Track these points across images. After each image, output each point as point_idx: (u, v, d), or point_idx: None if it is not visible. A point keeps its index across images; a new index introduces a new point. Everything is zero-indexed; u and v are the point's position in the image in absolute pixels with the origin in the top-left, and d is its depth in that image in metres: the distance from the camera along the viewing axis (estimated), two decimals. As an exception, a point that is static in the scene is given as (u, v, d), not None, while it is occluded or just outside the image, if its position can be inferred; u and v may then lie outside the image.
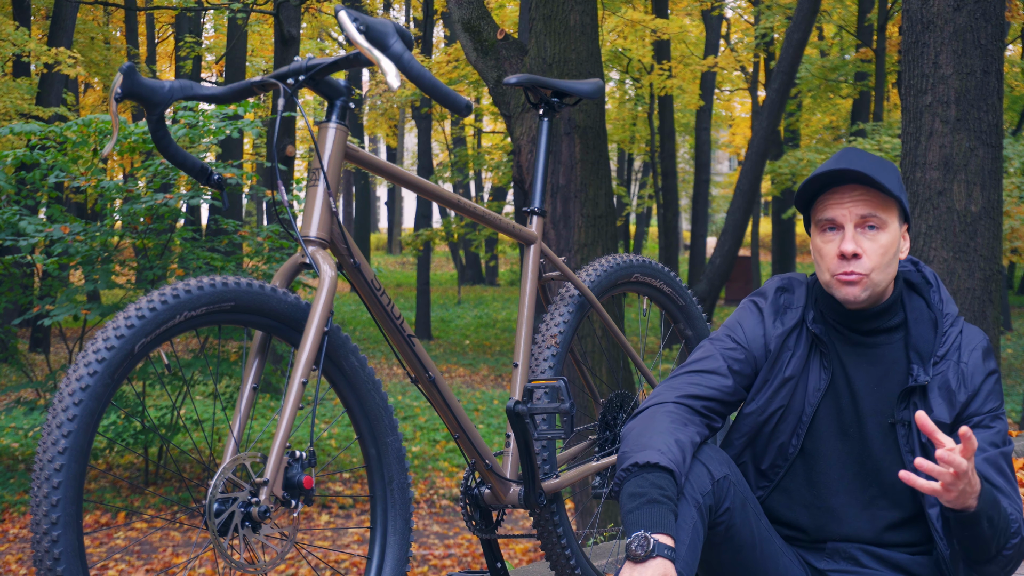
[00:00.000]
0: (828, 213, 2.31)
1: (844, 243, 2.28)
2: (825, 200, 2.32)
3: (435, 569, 7.67)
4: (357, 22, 2.15)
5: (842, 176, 2.28)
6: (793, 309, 2.44)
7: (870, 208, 2.29)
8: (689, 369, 2.43)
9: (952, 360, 2.36)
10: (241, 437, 2.14)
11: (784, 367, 2.40)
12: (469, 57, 6.79)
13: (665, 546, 2.05)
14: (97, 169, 7.85)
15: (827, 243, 2.32)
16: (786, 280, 2.50)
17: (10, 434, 11.01)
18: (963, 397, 2.34)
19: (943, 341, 2.37)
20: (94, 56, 19.29)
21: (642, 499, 2.12)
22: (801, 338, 2.41)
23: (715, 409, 2.40)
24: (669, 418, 2.31)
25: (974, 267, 4.95)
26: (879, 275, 2.30)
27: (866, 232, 2.29)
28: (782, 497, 2.43)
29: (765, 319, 2.44)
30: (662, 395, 2.39)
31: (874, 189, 2.28)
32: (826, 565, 2.40)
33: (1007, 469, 2.32)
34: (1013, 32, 19.21)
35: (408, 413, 12.94)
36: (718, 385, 2.40)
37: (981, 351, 2.38)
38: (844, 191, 2.30)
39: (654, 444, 2.21)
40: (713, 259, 14.58)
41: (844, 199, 2.30)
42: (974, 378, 2.35)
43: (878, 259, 2.29)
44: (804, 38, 13.64)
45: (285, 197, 2.26)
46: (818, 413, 2.39)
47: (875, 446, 2.36)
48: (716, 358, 2.42)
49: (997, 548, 2.23)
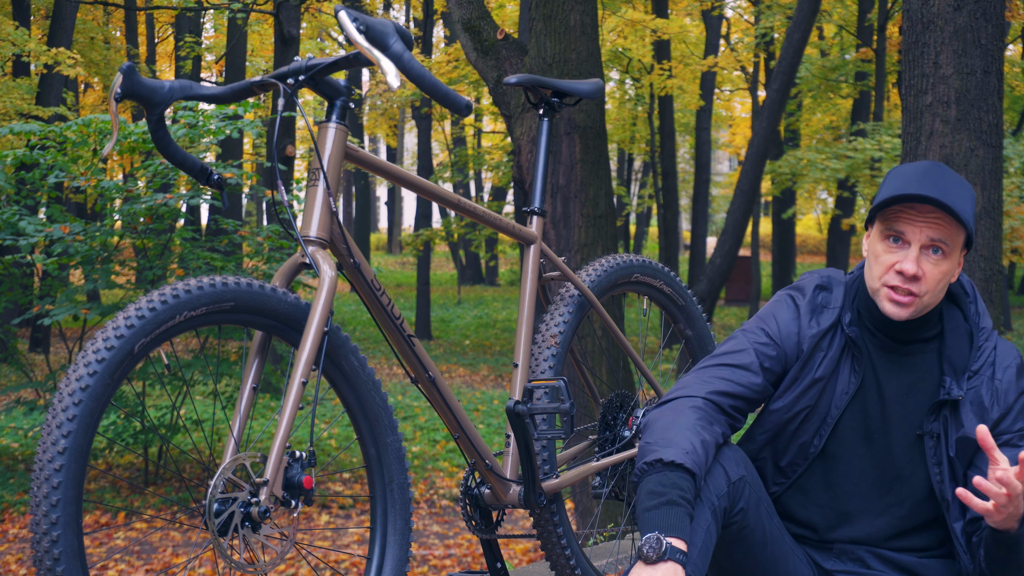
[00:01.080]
0: (899, 226, 2.27)
1: (907, 263, 2.25)
2: (899, 211, 2.27)
3: (435, 569, 7.67)
4: (357, 22, 2.15)
5: (925, 199, 2.23)
6: (830, 309, 2.41)
7: (941, 234, 2.25)
8: (720, 361, 2.39)
9: (986, 376, 2.34)
10: (241, 437, 2.14)
11: (816, 368, 2.37)
12: (469, 57, 6.79)
13: (678, 550, 2.04)
14: (97, 169, 7.85)
15: (889, 252, 2.28)
16: (825, 278, 2.46)
17: (10, 434, 11.01)
18: (996, 415, 2.32)
19: (978, 356, 2.35)
20: (94, 56, 19.29)
21: (662, 499, 2.10)
22: (836, 339, 2.38)
23: (741, 408, 2.37)
24: (696, 415, 2.27)
25: (974, 267, 4.95)
26: (930, 298, 2.28)
27: (930, 256, 2.26)
28: (797, 495, 2.42)
29: (801, 317, 2.41)
30: (691, 387, 2.35)
31: (950, 216, 2.25)
32: (833, 565, 2.40)
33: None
34: (1013, 32, 19.21)
35: (408, 413, 12.94)
36: (748, 383, 2.36)
37: (1016, 368, 2.36)
38: (922, 209, 2.25)
39: (680, 442, 2.18)
40: (713, 259, 14.58)
41: (919, 218, 2.25)
42: (1008, 396, 2.33)
43: (934, 284, 2.27)
44: (804, 38, 13.64)
45: (285, 197, 2.26)
46: (843, 416, 2.37)
47: (899, 454, 2.35)
48: (748, 352, 2.38)
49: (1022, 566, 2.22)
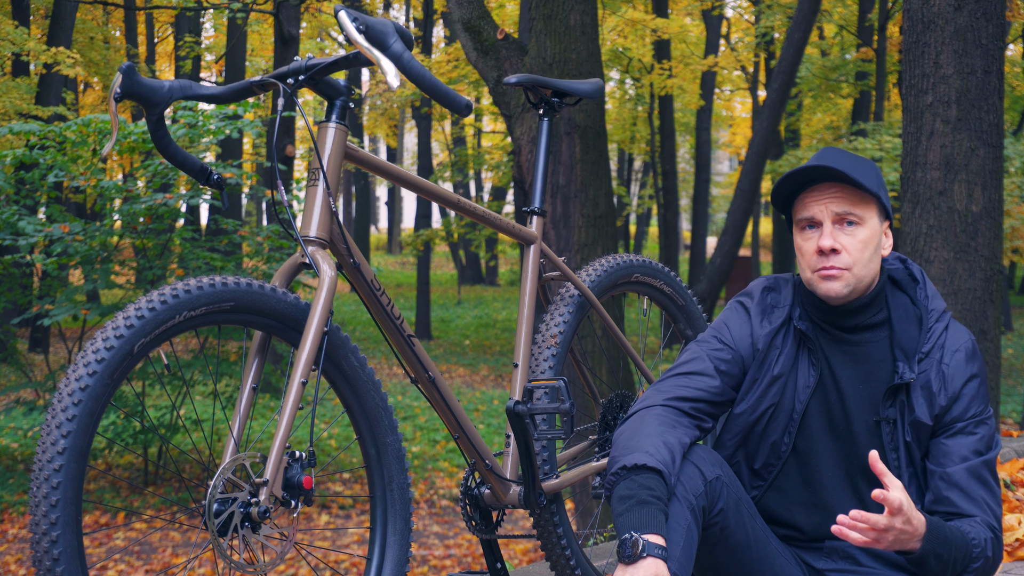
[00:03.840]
0: (807, 211, 2.34)
1: (822, 239, 2.31)
2: (804, 199, 2.35)
3: (435, 569, 7.67)
4: (357, 22, 2.14)
5: (818, 174, 2.31)
6: (780, 308, 2.45)
7: (847, 205, 2.31)
8: (676, 372, 2.44)
9: (935, 359, 2.36)
10: (241, 437, 2.14)
11: (772, 365, 2.41)
12: (469, 57, 6.78)
13: (656, 545, 2.05)
14: (96, 169, 7.85)
15: (807, 240, 2.35)
16: (772, 280, 2.52)
17: (10, 434, 11.01)
18: (943, 400, 2.34)
19: (927, 337, 2.37)
20: (93, 56, 19.27)
21: (631, 501, 2.12)
22: (788, 336, 2.42)
23: (704, 410, 2.40)
24: (657, 420, 2.31)
25: (975, 267, 4.94)
26: (860, 270, 2.32)
27: (844, 228, 2.32)
28: (777, 496, 2.43)
29: (752, 318, 2.45)
30: (650, 399, 2.40)
31: (851, 186, 2.31)
32: (824, 564, 2.40)
33: (989, 477, 2.33)
34: (1014, 32, 19.21)
35: (408, 413, 12.94)
36: (705, 386, 2.40)
37: (964, 353, 2.37)
38: (822, 188, 2.33)
39: (642, 446, 2.22)
40: (713, 259, 14.58)
41: (822, 197, 2.32)
42: (954, 381, 2.35)
43: (857, 254, 2.31)
44: (805, 38, 13.62)
45: (285, 197, 2.25)
46: (808, 411, 2.40)
47: (863, 444, 2.37)
48: (703, 359, 2.43)
49: (958, 573, 2.24)
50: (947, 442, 2.33)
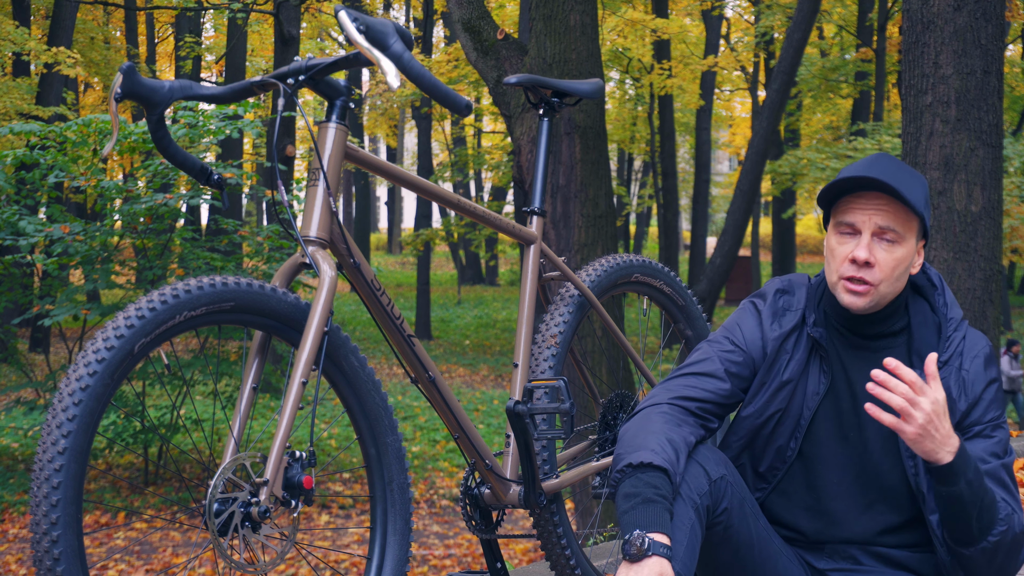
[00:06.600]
0: (848, 217, 2.28)
1: (858, 249, 2.25)
2: (848, 202, 2.29)
3: (435, 569, 7.67)
4: (357, 22, 2.14)
5: (870, 183, 2.24)
6: (792, 311, 2.42)
7: (890, 220, 2.25)
8: (685, 371, 2.42)
9: (954, 366, 2.34)
10: (241, 437, 2.14)
11: (782, 370, 2.39)
12: (469, 57, 6.79)
13: (661, 544, 2.04)
14: (97, 169, 7.85)
15: (841, 245, 2.30)
16: (786, 282, 2.48)
17: (10, 434, 11.01)
18: (963, 405, 2.31)
19: (946, 346, 2.34)
20: (94, 56, 19.29)
21: (637, 499, 2.12)
22: (800, 341, 2.39)
23: (710, 411, 2.38)
24: (663, 419, 2.30)
25: (974, 267, 4.95)
26: (886, 287, 2.28)
27: (882, 243, 2.26)
28: (781, 499, 2.42)
29: (763, 321, 2.43)
30: (657, 396, 2.38)
31: (898, 201, 2.25)
32: (826, 565, 2.40)
33: (1008, 480, 2.30)
34: (1013, 32, 19.22)
35: (408, 413, 12.94)
36: (713, 388, 2.38)
37: (983, 358, 2.35)
38: (869, 197, 2.26)
39: (647, 444, 2.21)
40: (713, 259, 14.59)
41: (867, 206, 2.26)
42: (975, 386, 2.33)
43: (889, 271, 2.27)
44: (804, 38, 13.63)
45: (285, 197, 2.25)
46: (817, 417, 2.38)
47: (875, 450, 2.35)
48: (713, 360, 2.41)
49: (980, 529, 2.19)
50: (966, 445, 2.29)
